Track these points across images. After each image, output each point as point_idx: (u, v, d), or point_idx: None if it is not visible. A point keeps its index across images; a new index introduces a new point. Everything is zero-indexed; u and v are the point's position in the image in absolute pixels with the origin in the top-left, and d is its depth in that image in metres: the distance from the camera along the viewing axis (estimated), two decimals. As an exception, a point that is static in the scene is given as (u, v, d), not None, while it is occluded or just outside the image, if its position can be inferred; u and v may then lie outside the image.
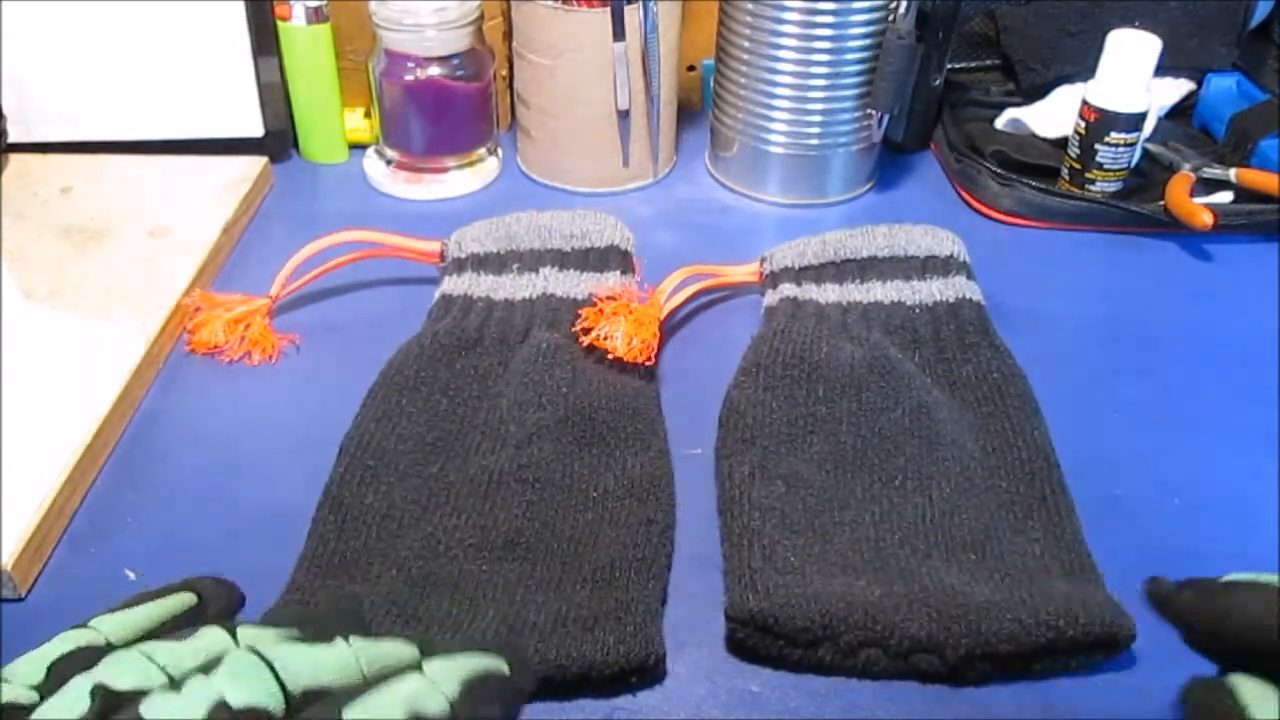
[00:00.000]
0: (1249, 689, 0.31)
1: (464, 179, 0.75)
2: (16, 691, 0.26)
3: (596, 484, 0.48)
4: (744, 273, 0.63)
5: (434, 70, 0.71)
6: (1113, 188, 0.72)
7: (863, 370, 0.53)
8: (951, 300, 0.58)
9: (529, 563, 0.45)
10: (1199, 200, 0.69)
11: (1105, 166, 0.71)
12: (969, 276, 0.60)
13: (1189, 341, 0.61)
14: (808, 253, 0.61)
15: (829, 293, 0.60)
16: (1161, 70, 0.71)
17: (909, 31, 0.67)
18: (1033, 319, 0.62)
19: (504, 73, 0.79)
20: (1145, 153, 0.75)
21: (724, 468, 0.49)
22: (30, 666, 0.27)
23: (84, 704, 0.25)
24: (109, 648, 0.28)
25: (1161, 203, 0.70)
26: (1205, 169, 0.73)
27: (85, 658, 0.27)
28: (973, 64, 0.85)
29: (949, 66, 0.78)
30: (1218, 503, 0.50)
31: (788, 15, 0.67)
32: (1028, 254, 0.70)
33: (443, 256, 0.62)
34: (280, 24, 0.71)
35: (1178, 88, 0.82)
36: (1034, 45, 0.81)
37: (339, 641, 0.27)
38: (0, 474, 0.47)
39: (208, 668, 0.25)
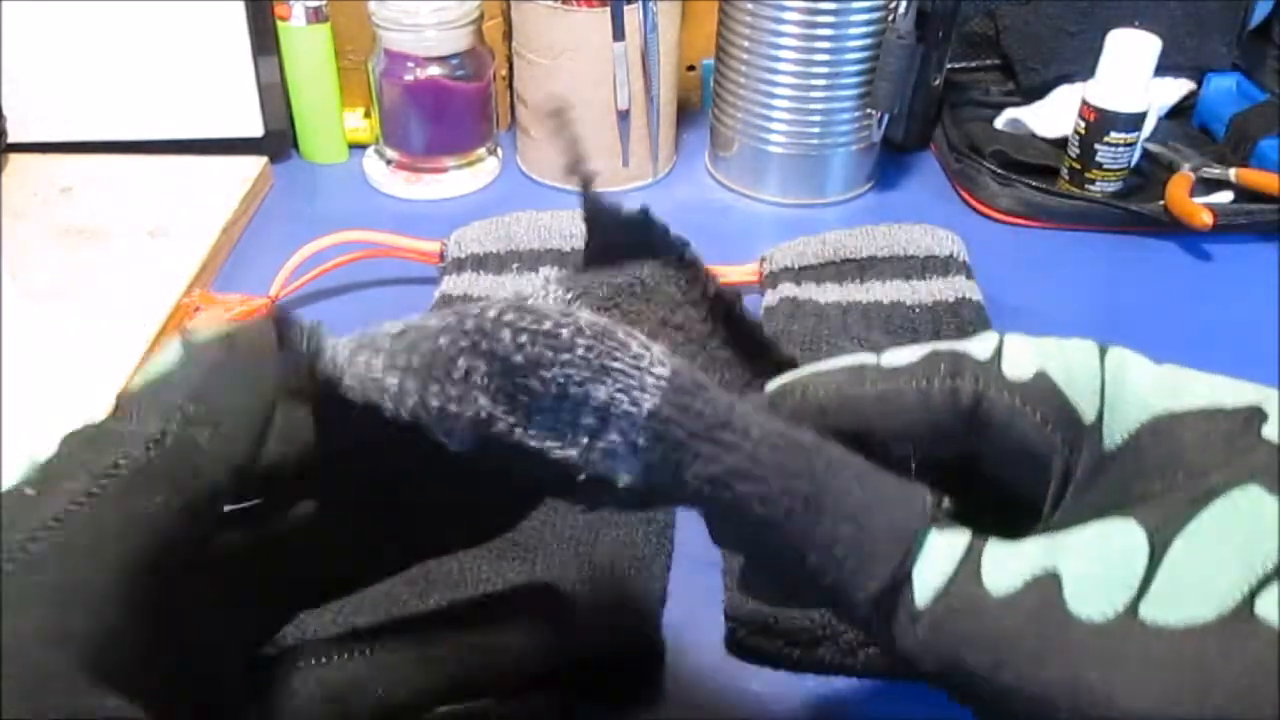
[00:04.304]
0: None
1: (463, 179, 0.75)
2: None
3: (596, 483, 0.48)
4: (743, 273, 0.63)
5: (434, 70, 0.71)
6: (1112, 187, 0.72)
7: (862, 370, 0.53)
8: (951, 300, 0.58)
9: (529, 562, 0.44)
10: (1199, 200, 0.69)
11: (1105, 166, 0.71)
12: (969, 276, 0.60)
13: (1189, 341, 0.61)
14: (807, 253, 0.61)
15: (829, 293, 0.60)
16: (1161, 70, 0.71)
17: (909, 31, 0.67)
18: (1032, 319, 0.62)
19: (504, 73, 0.79)
20: (1145, 152, 0.75)
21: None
22: None
23: None
24: None
25: (1161, 203, 0.70)
26: (1205, 169, 0.73)
27: None
28: (973, 64, 0.85)
29: (949, 66, 0.78)
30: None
31: (788, 15, 0.67)
32: (1027, 254, 0.70)
33: (442, 256, 0.62)
34: (280, 24, 0.71)
35: (1178, 88, 0.82)
36: (1034, 45, 0.81)
37: None
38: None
39: None
